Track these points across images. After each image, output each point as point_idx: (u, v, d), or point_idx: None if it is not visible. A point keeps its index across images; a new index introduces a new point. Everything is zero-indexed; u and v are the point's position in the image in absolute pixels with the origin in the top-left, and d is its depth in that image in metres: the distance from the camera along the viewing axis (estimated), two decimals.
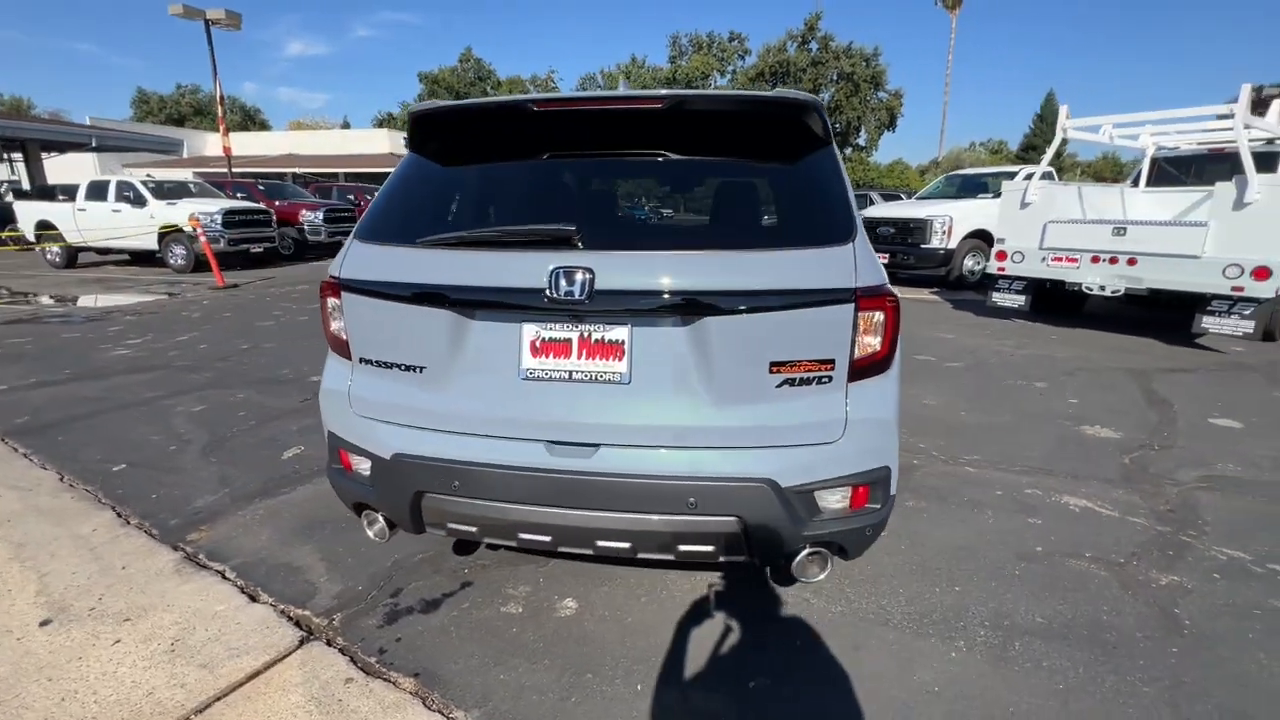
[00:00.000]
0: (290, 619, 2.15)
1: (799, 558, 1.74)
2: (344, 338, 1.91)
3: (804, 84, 49.43)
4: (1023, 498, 3.05)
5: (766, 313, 1.58)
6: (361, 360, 1.89)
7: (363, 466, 1.95)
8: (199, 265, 11.40)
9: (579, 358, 1.67)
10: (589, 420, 1.68)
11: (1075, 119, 6.65)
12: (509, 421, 1.73)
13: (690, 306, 1.59)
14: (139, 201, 11.75)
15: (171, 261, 11.77)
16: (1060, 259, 6.41)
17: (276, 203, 14.43)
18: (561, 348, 1.68)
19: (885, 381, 1.72)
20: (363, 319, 1.85)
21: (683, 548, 1.71)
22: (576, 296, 1.59)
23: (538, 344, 1.69)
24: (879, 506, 1.74)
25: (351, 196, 17.54)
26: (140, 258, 12.71)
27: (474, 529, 1.83)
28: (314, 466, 3.38)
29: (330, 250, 15.53)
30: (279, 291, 9.73)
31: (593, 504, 1.67)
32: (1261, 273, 5.24)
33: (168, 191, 12.37)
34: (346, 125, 62.79)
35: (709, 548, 1.71)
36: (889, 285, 1.66)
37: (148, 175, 13.46)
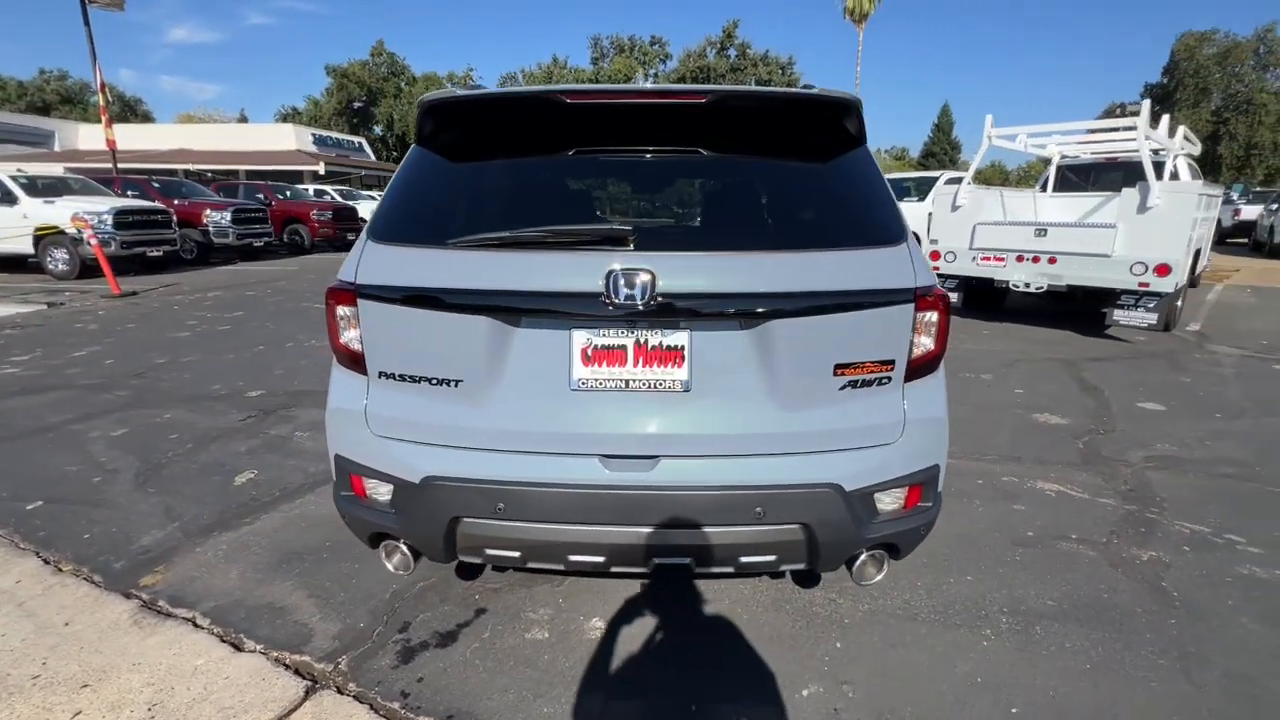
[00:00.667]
0: (288, 667, 1.92)
1: (858, 561, 1.72)
2: (358, 350, 1.71)
3: None
4: (1001, 485, 3.21)
5: (831, 314, 1.55)
6: (382, 375, 1.70)
7: (380, 492, 1.75)
8: (84, 271, 10.20)
9: (635, 365, 1.58)
10: (647, 431, 1.59)
11: (998, 128, 7.15)
12: (559, 436, 1.61)
13: (755, 310, 1.53)
14: (8, 199, 10.37)
15: (50, 267, 10.45)
16: (989, 258, 6.87)
17: (175, 202, 13.14)
18: (616, 355, 1.58)
19: (936, 380, 1.74)
20: (384, 329, 1.66)
21: (745, 559, 1.65)
22: (638, 300, 1.50)
23: (589, 352, 1.58)
24: (930, 505, 1.76)
25: (261, 195, 16.27)
26: (9, 263, 11.20)
27: (517, 554, 1.69)
28: (275, 492, 3.06)
29: (241, 254, 14.34)
30: (188, 299, 8.85)
31: (653, 520, 1.58)
32: (1163, 269, 5.83)
33: (43, 188, 10.99)
34: (244, 119, 58.35)
35: (771, 557, 1.66)
36: (939, 285, 1.67)
37: (18, 170, 11.90)
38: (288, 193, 17.58)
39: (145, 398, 4.49)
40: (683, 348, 1.57)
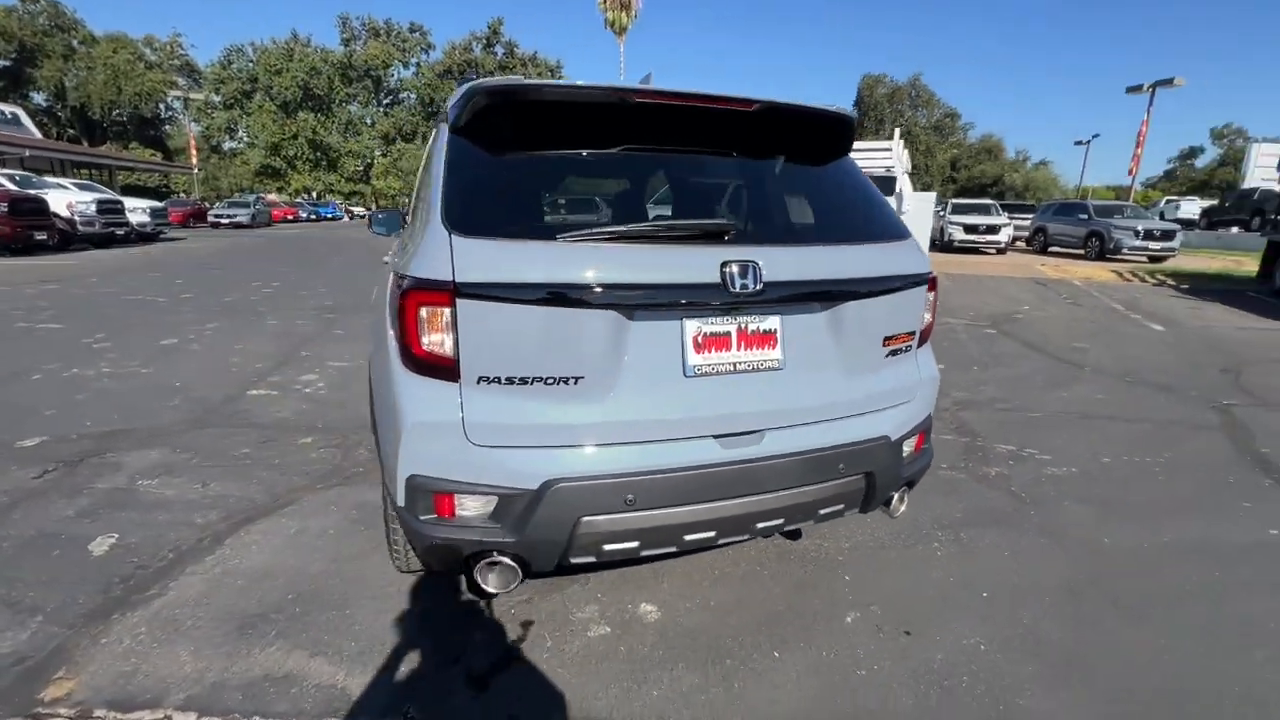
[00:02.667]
0: None
1: (893, 498, 2.08)
2: (448, 355, 1.54)
3: None
4: None
5: (883, 295, 1.87)
6: (482, 380, 1.56)
7: (476, 508, 1.61)
8: None
9: (739, 349, 1.71)
10: (753, 409, 1.74)
11: None
12: (679, 422, 1.67)
13: (833, 293, 1.78)
14: None
15: None
16: None
17: None
18: (722, 341, 1.69)
19: (929, 347, 2.18)
20: (491, 329, 1.53)
21: (823, 511, 1.90)
22: (750, 289, 1.64)
23: (700, 339, 1.67)
24: (929, 446, 2.20)
25: None
26: None
27: (635, 544, 1.69)
28: (166, 554, 2.45)
29: None
30: None
31: (762, 489, 1.74)
32: None
33: None
34: None
35: (841, 505, 1.93)
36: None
37: None
38: None
39: None
40: (775, 331, 1.75)
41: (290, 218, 35.06)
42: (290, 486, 3.05)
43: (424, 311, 1.54)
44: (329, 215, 40.46)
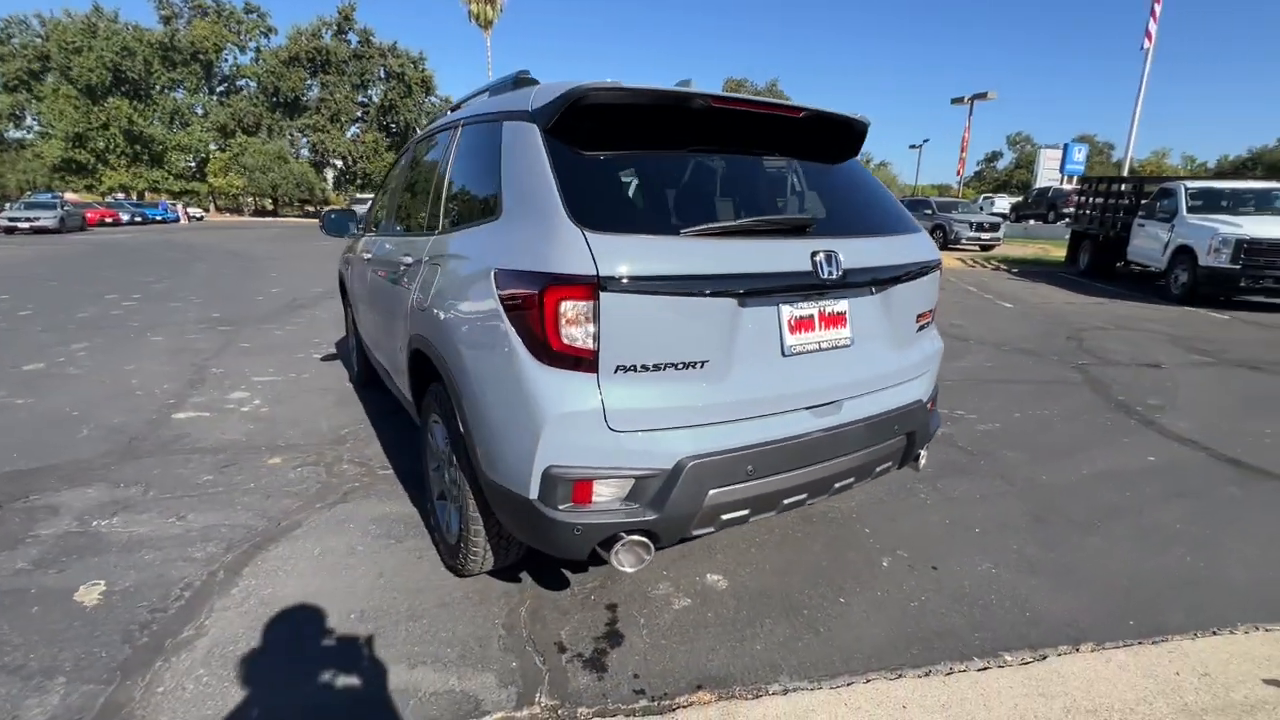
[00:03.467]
0: None
1: (921, 454, 2.40)
2: (589, 346, 1.60)
3: (350, 76, 46.51)
4: None
5: (918, 279, 2.17)
6: (619, 369, 1.63)
7: (611, 492, 1.69)
8: None
9: (821, 329, 1.92)
10: (833, 381, 1.96)
11: None
12: (780, 397, 1.84)
13: (885, 278, 2.05)
14: None
15: None
16: None
17: None
18: (808, 323, 1.89)
19: (934, 323, 2.53)
20: (630, 319, 1.61)
21: (878, 468, 2.17)
22: (834, 276, 1.86)
23: (792, 322, 1.86)
24: (936, 408, 2.56)
25: None
26: None
27: (746, 512, 1.85)
28: (180, 594, 2.21)
29: None
30: None
31: (841, 452, 1.97)
32: None
33: None
34: None
35: (890, 463, 2.21)
36: None
37: None
38: None
39: None
40: (845, 312, 1.98)
41: (110, 220, 30.25)
42: (284, 510, 2.83)
43: (565, 306, 1.58)
44: (158, 217, 35.37)
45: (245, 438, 3.69)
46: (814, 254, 1.84)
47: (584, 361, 1.62)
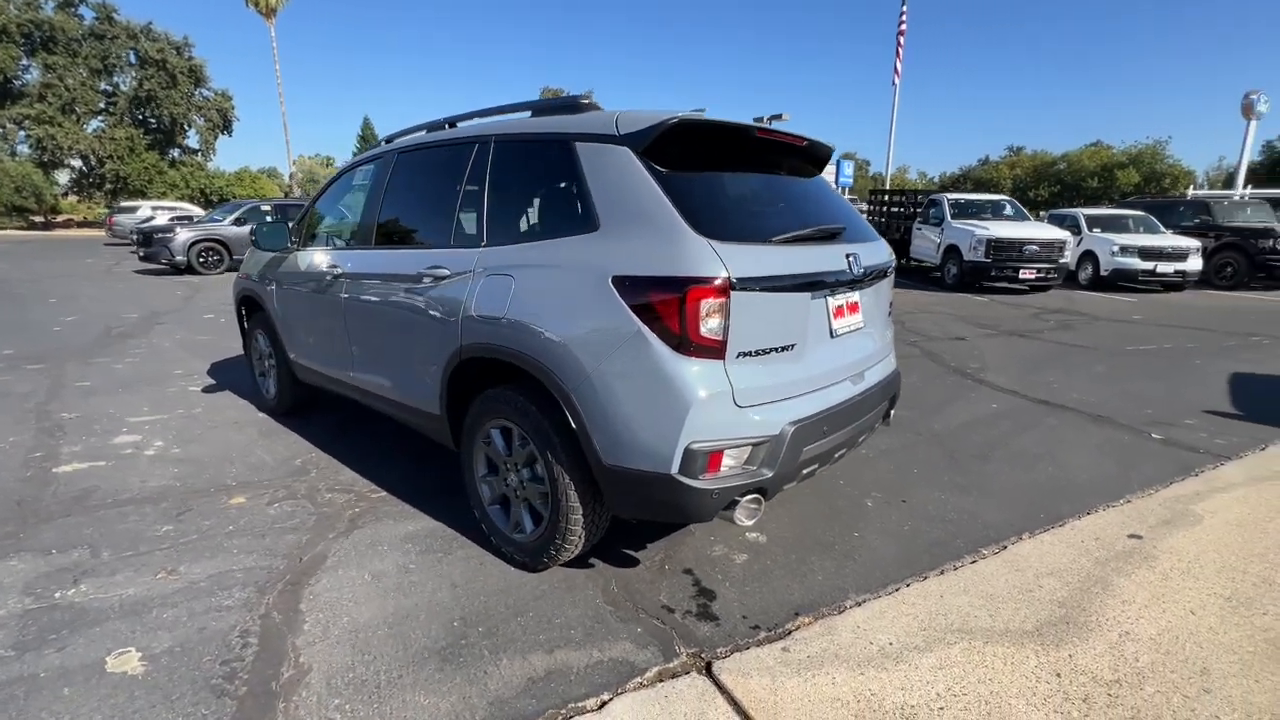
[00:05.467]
0: (676, 673, 1.88)
1: (890, 413, 3.02)
2: (720, 338, 1.89)
3: (86, 59, 38.62)
4: None
5: (889, 275, 2.78)
6: (740, 355, 1.94)
7: (734, 459, 1.99)
8: None
9: (849, 316, 2.41)
10: (859, 357, 2.46)
11: None
12: (834, 370, 2.29)
13: (877, 275, 2.61)
14: None
15: None
16: None
17: None
18: (842, 311, 2.37)
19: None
20: (747, 313, 1.93)
21: (874, 425, 2.73)
22: (859, 273, 2.37)
23: (836, 310, 2.32)
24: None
25: None
26: None
27: (816, 465, 2.26)
28: (245, 644, 2.05)
29: None
30: None
31: (866, 411, 2.48)
32: None
33: None
34: None
35: (879, 421, 2.79)
36: None
37: None
38: None
39: None
40: (859, 302, 2.50)
41: None
42: (293, 546, 2.64)
43: (705, 304, 1.86)
44: None
45: (178, 482, 3.24)
46: (847, 255, 2.33)
47: (716, 350, 1.92)
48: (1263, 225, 12.26)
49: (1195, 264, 11.60)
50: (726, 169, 2.32)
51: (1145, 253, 11.53)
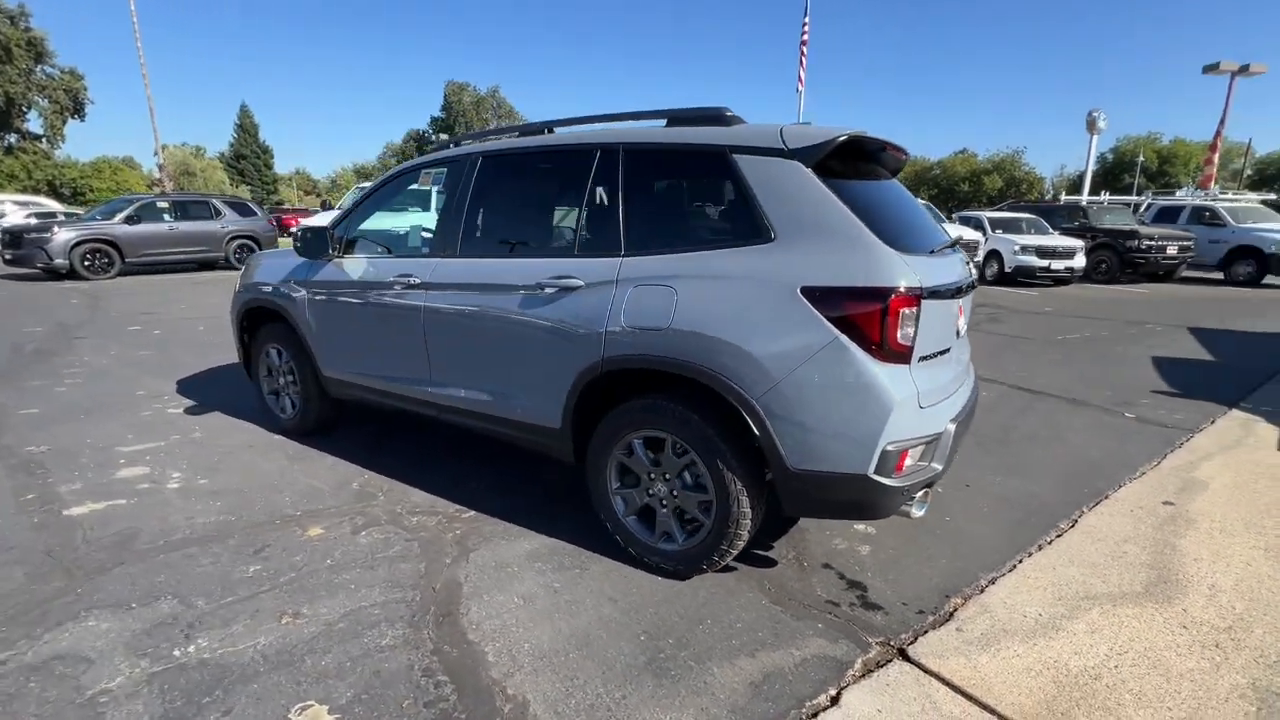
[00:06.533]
0: (862, 645, 1.98)
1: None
2: (910, 345, 2.01)
3: None
4: None
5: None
6: (920, 359, 2.07)
7: (914, 455, 2.13)
8: None
9: (961, 318, 2.62)
10: (968, 355, 2.69)
11: None
12: (961, 371, 2.49)
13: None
14: None
15: None
16: None
17: None
18: (961, 313, 2.58)
19: None
20: (928, 320, 2.06)
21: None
22: (970, 281, 2.58)
23: (958, 313, 2.52)
24: None
25: None
26: None
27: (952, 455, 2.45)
28: (445, 681, 1.93)
29: None
30: None
31: (971, 404, 2.71)
32: None
33: None
34: None
35: None
36: None
37: None
38: None
39: None
40: (963, 304, 2.72)
41: None
42: (414, 573, 2.48)
43: (905, 312, 1.97)
44: None
45: (231, 516, 2.93)
46: (965, 262, 2.54)
47: (906, 356, 2.05)
48: (1129, 227, 14.20)
49: (1081, 261, 13.25)
50: (868, 180, 2.45)
51: (1042, 251, 13.01)
